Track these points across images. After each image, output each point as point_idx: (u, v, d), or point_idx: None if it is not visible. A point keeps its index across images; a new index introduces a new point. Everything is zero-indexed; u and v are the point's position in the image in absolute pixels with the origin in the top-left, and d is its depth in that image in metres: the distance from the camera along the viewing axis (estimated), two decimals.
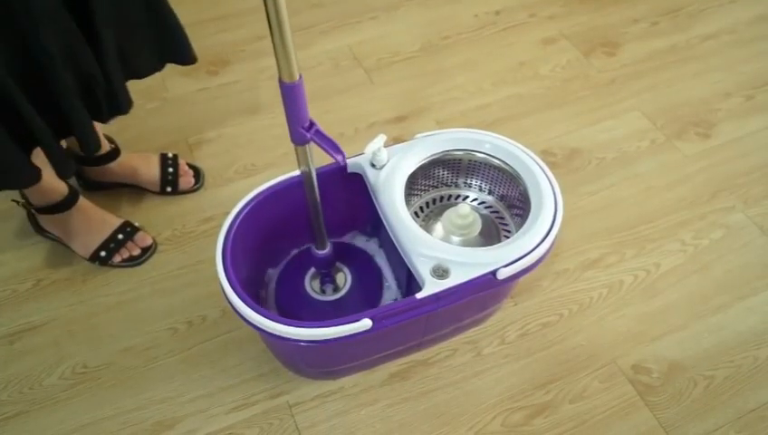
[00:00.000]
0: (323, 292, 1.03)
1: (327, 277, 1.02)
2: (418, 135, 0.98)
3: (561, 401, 1.00)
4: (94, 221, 1.13)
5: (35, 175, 0.96)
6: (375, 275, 1.06)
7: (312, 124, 0.74)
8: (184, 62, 1.07)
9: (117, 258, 1.14)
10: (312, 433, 0.97)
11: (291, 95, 0.69)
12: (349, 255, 1.07)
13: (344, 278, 1.04)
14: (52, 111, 0.91)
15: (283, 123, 0.74)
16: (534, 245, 0.84)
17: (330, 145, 0.75)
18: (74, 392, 1.01)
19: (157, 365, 1.04)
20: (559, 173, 1.27)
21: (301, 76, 0.68)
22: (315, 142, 0.75)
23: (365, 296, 1.03)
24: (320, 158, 0.80)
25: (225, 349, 1.05)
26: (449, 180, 1.03)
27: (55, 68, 0.87)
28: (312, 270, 1.04)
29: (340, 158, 0.76)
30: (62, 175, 1.00)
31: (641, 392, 1.01)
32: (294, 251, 1.08)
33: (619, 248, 1.19)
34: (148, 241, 1.16)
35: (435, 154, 0.96)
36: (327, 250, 0.95)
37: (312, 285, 1.03)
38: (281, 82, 0.68)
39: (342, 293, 1.03)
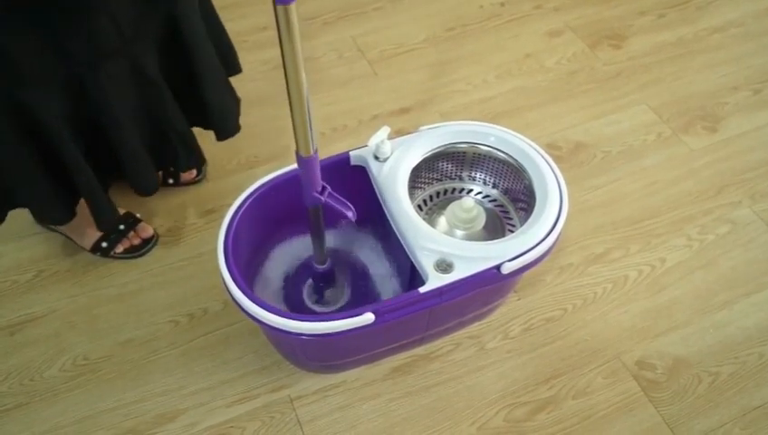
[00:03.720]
0: (319, 304, 1.02)
1: (324, 290, 1.01)
2: (422, 127, 0.97)
3: (565, 397, 1.00)
4: None
5: (70, 215, 1.00)
6: (373, 290, 1.04)
7: (324, 188, 0.78)
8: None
9: (118, 249, 1.13)
10: (314, 427, 0.97)
11: (307, 167, 0.74)
12: (348, 267, 1.05)
13: (342, 292, 1.03)
14: (106, 155, 0.92)
15: (285, 115, 0.73)
16: (539, 239, 0.83)
17: (341, 205, 0.79)
18: (75, 384, 1.01)
19: (158, 358, 1.03)
20: (564, 167, 1.26)
21: (316, 150, 0.72)
22: (328, 204, 0.79)
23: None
24: (323, 150, 0.79)
25: (226, 342, 1.05)
26: (453, 173, 1.02)
27: (111, 110, 0.87)
28: (311, 281, 1.02)
29: (350, 214, 0.79)
30: (100, 229, 1.04)
31: (645, 388, 1.01)
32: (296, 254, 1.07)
33: (624, 243, 1.18)
34: (150, 232, 1.15)
35: (439, 147, 0.95)
36: (326, 265, 0.95)
37: (310, 297, 1.02)
38: (297, 154, 0.73)
39: (338, 306, 1.02)
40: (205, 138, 1.33)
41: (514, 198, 1.00)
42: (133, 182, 1.00)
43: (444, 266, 0.81)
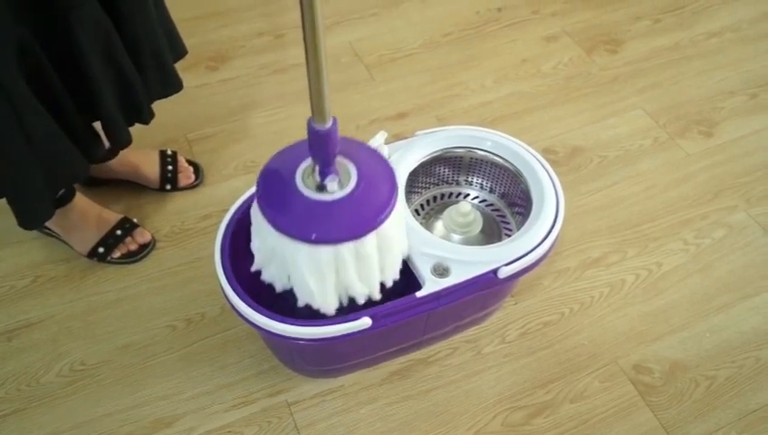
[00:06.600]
0: (320, 189, 0.74)
1: (326, 170, 0.73)
2: (419, 132, 0.97)
3: (562, 401, 1.00)
4: (92, 217, 1.12)
5: (87, 166, 0.98)
6: (388, 173, 0.78)
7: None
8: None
9: (115, 254, 1.13)
10: (311, 432, 0.97)
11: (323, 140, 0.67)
12: (356, 151, 0.80)
13: (348, 174, 0.75)
14: (83, 99, 0.92)
15: (282, 119, 0.73)
16: (536, 243, 0.84)
17: None
18: (72, 390, 1.00)
19: (155, 363, 1.03)
20: (560, 171, 1.27)
21: (335, 120, 0.65)
22: None
23: (373, 199, 0.75)
24: None
25: (224, 347, 1.05)
26: (450, 178, 1.02)
27: (83, 52, 0.87)
28: (307, 162, 0.75)
29: None
30: (119, 145, 1.02)
31: (642, 392, 1.01)
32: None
33: (621, 247, 1.18)
34: (147, 237, 1.15)
35: (436, 151, 0.96)
36: (329, 125, 0.69)
37: (305, 181, 0.74)
38: (311, 126, 0.65)
39: (345, 193, 0.74)
40: (202, 140, 1.33)
41: (511, 203, 1.00)
42: (110, 128, 1.00)
43: (441, 271, 0.81)
